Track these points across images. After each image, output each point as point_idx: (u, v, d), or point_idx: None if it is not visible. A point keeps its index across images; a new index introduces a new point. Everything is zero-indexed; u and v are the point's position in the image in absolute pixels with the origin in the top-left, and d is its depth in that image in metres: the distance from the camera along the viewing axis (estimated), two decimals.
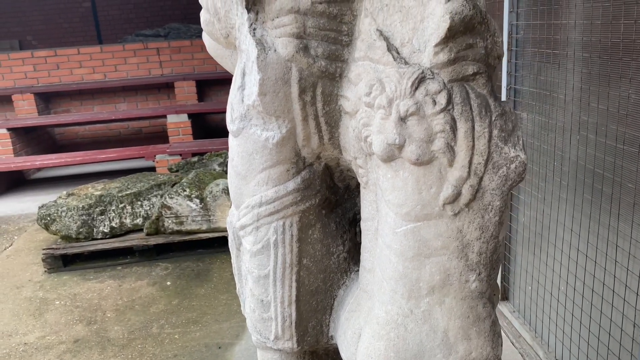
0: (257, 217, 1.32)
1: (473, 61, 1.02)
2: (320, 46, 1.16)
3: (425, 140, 1.03)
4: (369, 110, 1.08)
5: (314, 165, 1.33)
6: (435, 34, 0.98)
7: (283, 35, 1.15)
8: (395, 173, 1.09)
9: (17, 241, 4.48)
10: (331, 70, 1.18)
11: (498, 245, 1.12)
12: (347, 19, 1.14)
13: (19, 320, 3.19)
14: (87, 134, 7.47)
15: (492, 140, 1.04)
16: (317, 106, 1.21)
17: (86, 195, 4.18)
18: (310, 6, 1.11)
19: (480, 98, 1.03)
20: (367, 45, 1.08)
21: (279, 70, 1.16)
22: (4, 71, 7.07)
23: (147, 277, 3.69)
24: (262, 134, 1.25)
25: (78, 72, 7.16)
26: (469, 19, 0.98)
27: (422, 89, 1.01)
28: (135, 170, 6.01)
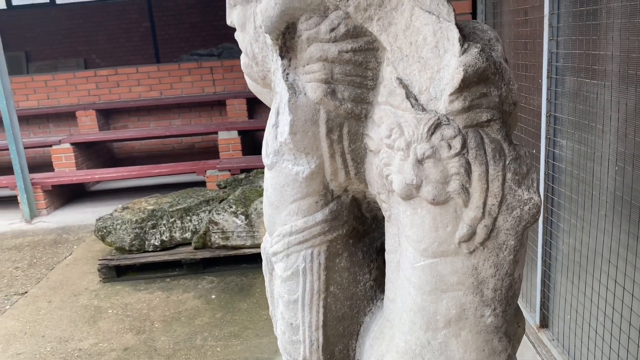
0: (287, 245, 1.41)
1: (487, 108, 1.07)
2: (347, 90, 1.24)
3: (441, 181, 1.09)
4: (390, 151, 1.16)
5: (342, 197, 1.41)
6: (450, 84, 1.05)
7: (312, 80, 1.24)
8: (414, 211, 1.15)
9: (77, 251, 4.77)
10: (357, 112, 1.26)
11: (513, 283, 1.16)
12: (372, 65, 1.23)
13: (75, 326, 3.41)
14: (144, 148, 7.84)
15: (506, 183, 1.09)
16: (343, 144, 1.30)
17: (140, 209, 4.42)
18: (337, 55, 1.20)
19: (494, 143, 1.09)
20: (388, 91, 1.16)
21: (308, 112, 1.26)
22: (69, 89, 7.57)
23: (194, 290, 3.85)
24: (293, 169, 1.35)
25: (136, 90, 7.57)
26: (482, 71, 1.04)
27: (438, 134, 1.08)
28: (187, 184, 6.29)
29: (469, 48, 1.05)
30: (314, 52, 1.22)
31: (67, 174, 6.23)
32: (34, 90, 7.59)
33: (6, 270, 4.42)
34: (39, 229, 5.46)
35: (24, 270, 4.40)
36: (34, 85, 7.61)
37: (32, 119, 7.64)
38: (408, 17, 1.12)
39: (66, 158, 6.56)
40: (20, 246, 4.97)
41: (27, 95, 7.61)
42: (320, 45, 1.21)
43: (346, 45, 1.20)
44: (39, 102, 7.62)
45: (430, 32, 1.09)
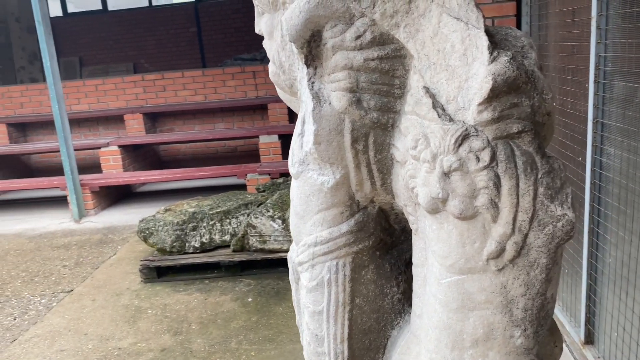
0: (312, 256, 1.39)
1: (518, 119, 1.02)
2: (373, 99, 1.21)
3: (469, 195, 1.04)
4: (415, 162, 1.12)
5: (368, 208, 1.37)
6: (479, 94, 1.00)
7: (337, 89, 1.21)
8: (440, 225, 1.11)
9: (120, 251, 4.91)
10: (383, 121, 1.23)
11: (546, 302, 1.10)
12: (399, 73, 1.19)
13: (116, 325, 3.50)
14: (188, 151, 8.01)
15: (538, 198, 1.03)
16: (369, 154, 1.26)
17: (181, 211, 4.51)
18: (363, 63, 1.18)
19: (525, 155, 1.03)
20: (414, 100, 1.12)
21: (332, 121, 1.23)
22: (118, 93, 7.82)
23: (231, 292, 3.89)
24: (318, 179, 1.33)
25: (182, 94, 7.74)
26: (513, 80, 0.99)
27: (465, 146, 1.03)
28: (229, 187, 6.38)
29: (498, 56, 1.00)
30: (339, 60, 1.20)
31: (114, 175, 6.43)
32: (85, 94, 7.89)
33: (54, 268, 4.59)
34: (86, 228, 5.65)
35: (71, 268, 4.56)
36: (86, 90, 7.91)
37: (83, 122, 7.94)
38: (436, 23, 1.08)
39: (114, 160, 6.77)
40: (69, 245, 5.16)
41: (79, 99, 7.92)
42: (345, 53, 1.19)
43: (372, 53, 1.17)
44: (90, 105, 7.91)
45: (458, 39, 1.04)
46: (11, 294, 4.13)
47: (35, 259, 4.85)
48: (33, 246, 5.20)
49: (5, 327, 3.63)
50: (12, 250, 5.13)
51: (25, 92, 7.99)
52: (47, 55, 5.53)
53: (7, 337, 3.48)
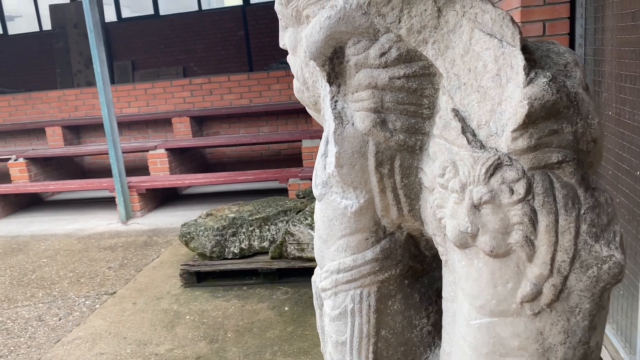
0: (335, 283, 1.31)
1: (558, 148, 0.91)
2: (399, 120, 1.12)
3: (501, 231, 0.94)
4: (443, 191, 1.02)
5: (396, 234, 1.28)
6: (513, 119, 0.90)
7: (361, 109, 1.13)
8: (470, 261, 1.01)
9: (164, 254, 4.98)
10: (410, 143, 1.14)
11: (589, 352, 0.98)
12: (428, 92, 1.10)
13: (154, 330, 3.53)
14: (233, 154, 8.09)
15: (580, 237, 0.91)
16: (395, 179, 1.18)
17: (222, 216, 4.52)
18: (388, 82, 1.09)
19: (566, 188, 0.92)
20: (443, 123, 1.03)
21: (355, 143, 1.15)
22: (166, 96, 7.99)
23: (268, 300, 3.86)
24: (342, 202, 1.25)
25: (227, 98, 7.82)
26: (552, 104, 0.88)
27: (497, 177, 0.93)
28: (271, 191, 6.39)
29: (536, 77, 0.89)
30: (362, 78, 1.11)
31: (160, 178, 6.55)
32: (136, 97, 8.10)
33: (100, 269, 4.71)
34: (132, 230, 5.78)
35: (115, 270, 4.66)
36: (136, 93, 8.12)
37: (133, 125, 8.15)
38: (467, 40, 0.98)
39: (161, 163, 6.91)
40: (115, 246, 5.29)
41: (129, 102, 8.14)
42: (369, 71, 1.10)
43: (398, 71, 1.08)
44: (140, 109, 8.12)
45: (491, 57, 0.94)
46: (58, 294, 4.26)
47: (82, 259, 5.00)
48: (81, 247, 5.36)
49: (51, 327, 3.73)
50: (62, 250, 5.31)
51: (79, 96, 8.29)
52: (98, 61, 5.69)
53: (51, 338, 3.58)
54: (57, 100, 8.28)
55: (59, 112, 8.28)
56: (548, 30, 3.15)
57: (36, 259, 5.12)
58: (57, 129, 7.88)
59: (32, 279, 4.62)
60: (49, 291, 4.33)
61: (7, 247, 5.54)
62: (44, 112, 8.33)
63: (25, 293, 4.33)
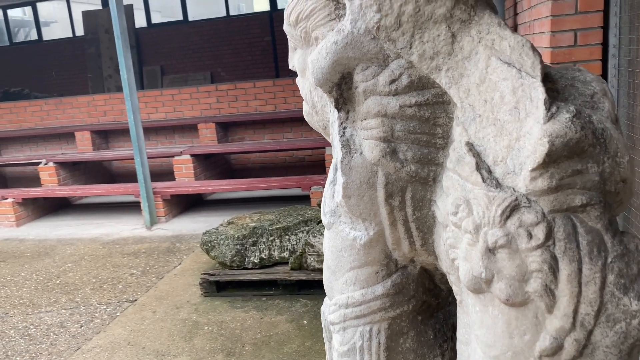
0: (343, 318, 1.24)
1: (582, 189, 0.83)
2: (410, 150, 1.05)
3: (518, 278, 0.86)
4: (456, 230, 0.95)
5: (408, 268, 1.21)
6: (532, 157, 0.82)
7: (370, 137, 1.07)
8: (484, 308, 0.93)
9: (185, 261, 4.99)
10: (422, 175, 1.06)
11: None
12: (442, 121, 1.02)
13: (173, 341, 3.52)
14: (258, 160, 8.09)
15: (606, 288, 0.83)
16: (406, 211, 1.10)
17: (242, 225, 4.49)
18: (399, 110, 1.02)
19: (591, 234, 0.83)
20: (456, 157, 0.95)
21: (364, 173, 1.09)
22: (193, 102, 8.04)
23: (287, 312, 3.80)
24: (350, 233, 1.18)
25: (253, 104, 7.83)
26: (575, 142, 0.80)
27: (514, 219, 0.85)
28: (294, 198, 6.36)
29: (557, 112, 0.81)
30: (371, 106, 1.05)
31: (185, 184, 6.59)
32: (163, 103, 8.18)
33: (122, 276, 4.74)
34: (156, 236, 5.81)
35: (137, 277, 4.68)
36: (163, 99, 8.20)
37: (160, 130, 8.23)
38: (483, 68, 0.90)
39: (186, 168, 6.95)
40: (138, 252, 5.32)
41: (156, 108, 8.22)
42: (378, 99, 1.04)
43: (409, 99, 1.01)
44: (167, 114, 8.19)
45: (509, 88, 0.86)
46: (80, 301, 4.29)
47: (106, 265, 5.04)
48: (105, 252, 5.42)
49: (72, 334, 3.76)
50: (86, 255, 5.37)
51: (108, 101, 8.42)
52: (125, 68, 5.75)
53: (72, 345, 3.60)
54: (87, 105, 8.43)
55: (88, 117, 8.43)
56: (580, 40, 3.02)
57: (61, 263, 5.19)
58: (86, 133, 8.02)
59: (56, 284, 4.68)
60: (72, 297, 4.37)
61: (35, 251, 5.64)
62: (74, 117, 8.49)
63: (49, 298, 4.38)
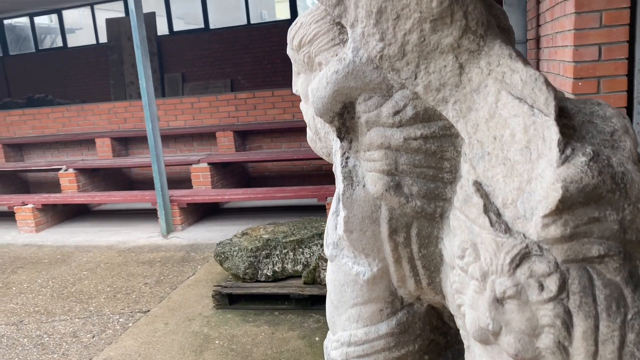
0: (345, 357, 1.18)
1: (600, 238, 0.75)
2: (416, 184, 0.99)
3: (528, 332, 0.79)
4: (463, 274, 0.88)
5: (415, 305, 1.15)
6: (544, 203, 0.75)
7: (373, 170, 1.01)
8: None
9: (199, 271, 4.97)
10: (429, 211, 1.00)
11: None
12: (450, 155, 0.96)
13: (183, 354, 3.48)
14: (275, 168, 8.07)
15: (626, 348, 0.75)
16: (411, 248, 1.04)
17: (256, 236, 4.46)
18: (403, 143, 0.96)
19: (609, 287, 0.76)
20: (464, 196, 0.89)
21: (366, 208, 1.03)
22: (212, 110, 8.07)
23: (299, 328, 3.75)
24: (353, 268, 1.13)
25: (271, 113, 7.82)
26: (592, 188, 0.73)
27: (524, 268, 0.78)
28: (310, 207, 6.33)
29: (572, 155, 0.74)
30: (374, 137, 0.99)
31: (201, 193, 6.59)
32: (182, 111, 8.22)
33: (136, 285, 4.73)
34: (171, 244, 5.82)
35: (151, 287, 4.68)
36: (183, 107, 8.25)
37: (180, 138, 8.27)
38: (493, 102, 0.84)
39: (203, 177, 6.96)
40: (153, 261, 5.33)
41: (176, 115, 8.27)
42: (381, 130, 0.98)
43: (414, 131, 0.96)
44: (186, 122, 8.24)
45: (520, 126, 0.80)
46: (94, 310, 4.30)
47: (121, 274, 5.05)
48: (121, 260, 5.43)
49: (84, 344, 3.76)
50: (102, 263, 5.40)
51: (128, 108, 8.50)
52: (144, 77, 5.78)
53: (84, 356, 3.59)
54: (108, 112, 8.52)
55: (108, 124, 8.52)
56: (604, 54, 2.92)
57: (77, 271, 5.22)
58: (106, 140, 8.10)
59: (71, 291, 4.70)
60: (86, 306, 4.38)
61: (52, 258, 5.68)
62: (95, 124, 8.59)
63: (63, 307, 4.39)
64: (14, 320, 4.20)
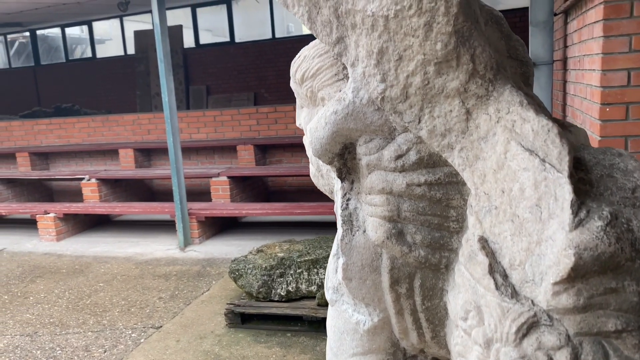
0: None
1: (617, 311, 0.68)
2: (419, 232, 0.92)
3: None
4: (466, 337, 0.81)
5: (418, 358, 1.07)
6: (555, 269, 0.68)
7: (374, 215, 0.95)
8: None
9: (214, 287, 4.94)
10: (433, 261, 0.93)
11: None
12: (456, 203, 0.89)
13: None
14: (294, 182, 8.03)
15: None
16: (414, 300, 0.97)
17: (271, 254, 4.41)
18: (406, 189, 0.90)
19: None
20: (469, 251, 0.82)
21: (366, 255, 0.97)
22: (234, 124, 8.10)
23: (311, 352, 3.67)
24: (353, 316, 1.06)
25: (292, 127, 7.80)
26: (609, 256, 0.65)
27: (532, 339, 0.71)
28: (327, 224, 6.26)
29: (587, 218, 0.67)
30: (375, 181, 0.93)
31: (219, 206, 6.59)
32: (205, 124, 8.28)
33: (151, 299, 4.72)
34: (188, 258, 5.81)
35: (165, 301, 4.66)
36: (205, 120, 8.30)
37: (201, 150, 8.32)
38: (501, 153, 0.77)
39: (222, 190, 6.97)
40: (169, 275, 5.32)
41: (198, 128, 8.33)
42: (383, 175, 0.92)
43: (418, 177, 0.89)
44: (208, 134, 8.28)
45: (530, 181, 0.73)
46: (107, 324, 4.29)
47: (136, 287, 5.05)
48: (138, 273, 5.44)
49: (96, 359, 3.74)
50: (119, 275, 5.41)
51: (152, 120, 8.59)
52: (166, 90, 5.83)
53: None
54: (132, 124, 8.63)
55: (132, 135, 8.62)
56: (633, 80, 2.81)
57: (94, 282, 5.24)
58: (129, 151, 8.19)
59: (86, 304, 4.71)
60: (99, 319, 4.38)
61: (71, 268, 5.73)
62: (119, 135, 8.70)
63: (77, 319, 4.40)
64: (29, 331, 4.22)
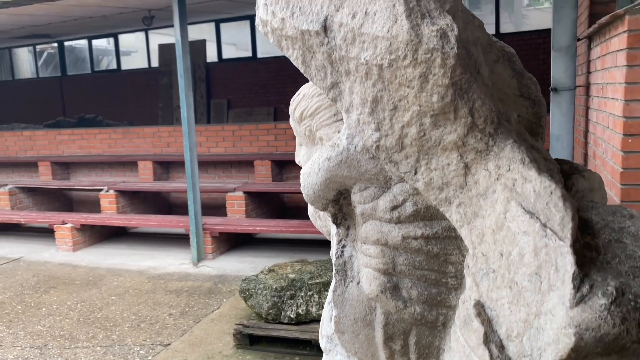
0: None
1: None
2: (416, 287, 0.87)
3: None
4: None
5: None
6: (553, 347, 0.62)
7: (368, 266, 0.90)
8: None
9: (224, 305, 4.90)
10: (430, 318, 0.88)
11: None
12: (455, 258, 0.84)
13: None
14: None
15: None
16: (409, 357, 0.92)
17: (282, 275, 4.36)
18: (402, 241, 0.85)
19: None
20: (464, 315, 0.77)
21: (360, 308, 0.92)
22: (252, 139, 8.13)
23: None
24: None
25: None
26: (613, 339, 0.59)
27: None
28: None
29: (590, 294, 0.61)
30: (370, 232, 0.88)
31: (234, 222, 6.58)
32: (223, 138, 8.32)
33: (161, 315, 4.71)
34: (200, 274, 5.79)
35: (175, 318, 4.64)
36: (224, 134, 8.35)
37: (219, 164, 8.36)
38: (501, 212, 0.72)
39: (238, 205, 6.97)
40: (181, 291, 5.30)
41: (217, 142, 8.38)
42: (378, 225, 0.87)
43: (414, 230, 0.84)
44: (226, 149, 8.32)
45: (530, 247, 0.67)
46: (117, 339, 4.28)
47: (147, 302, 5.04)
48: (150, 287, 5.44)
49: None
50: (131, 288, 5.42)
51: (172, 133, 8.67)
52: (185, 105, 5.87)
53: None
54: (152, 136, 8.72)
55: (152, 147, 8.70)
56: None
57: (106, 295, 5.25)
58: (148, 163, 8.26)
59: (97, 317, 4.72)
60: (109, 334, 4.38)
61: (84, 279, 5.76)
62: (139, 147, 8.79)
63: (87, 333, 4.40)
64: (39, 344, 4.23)
